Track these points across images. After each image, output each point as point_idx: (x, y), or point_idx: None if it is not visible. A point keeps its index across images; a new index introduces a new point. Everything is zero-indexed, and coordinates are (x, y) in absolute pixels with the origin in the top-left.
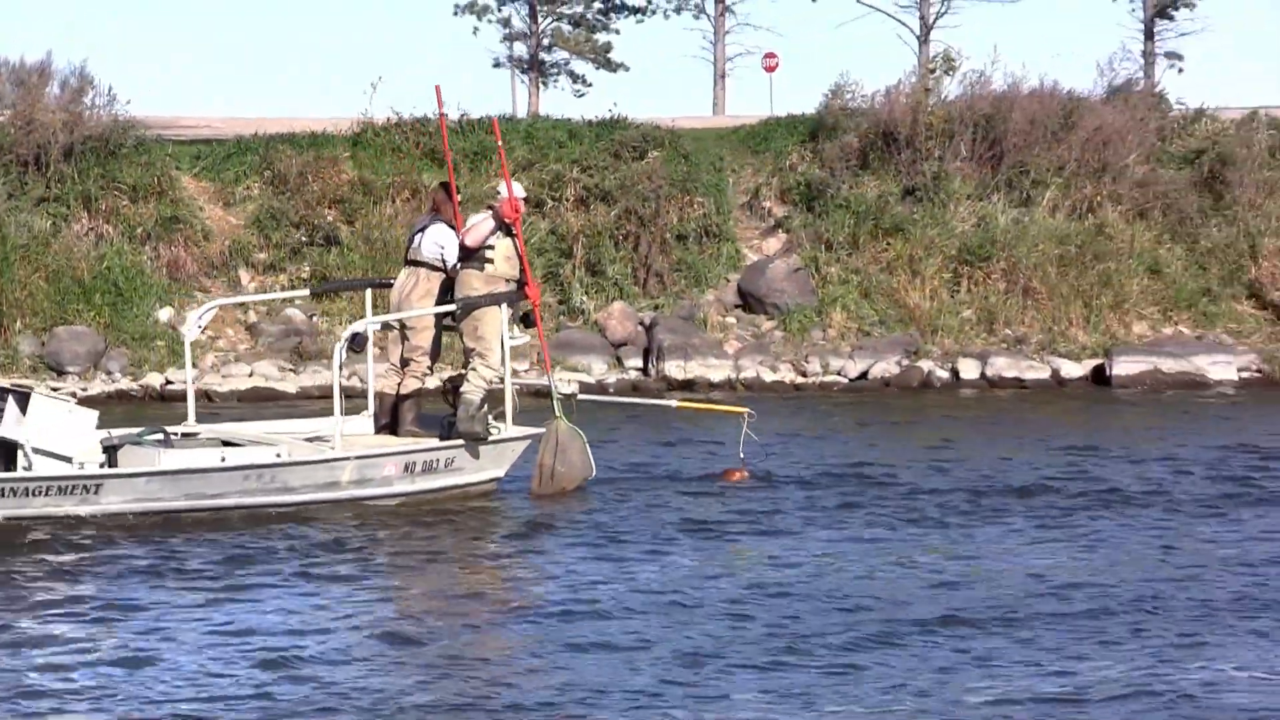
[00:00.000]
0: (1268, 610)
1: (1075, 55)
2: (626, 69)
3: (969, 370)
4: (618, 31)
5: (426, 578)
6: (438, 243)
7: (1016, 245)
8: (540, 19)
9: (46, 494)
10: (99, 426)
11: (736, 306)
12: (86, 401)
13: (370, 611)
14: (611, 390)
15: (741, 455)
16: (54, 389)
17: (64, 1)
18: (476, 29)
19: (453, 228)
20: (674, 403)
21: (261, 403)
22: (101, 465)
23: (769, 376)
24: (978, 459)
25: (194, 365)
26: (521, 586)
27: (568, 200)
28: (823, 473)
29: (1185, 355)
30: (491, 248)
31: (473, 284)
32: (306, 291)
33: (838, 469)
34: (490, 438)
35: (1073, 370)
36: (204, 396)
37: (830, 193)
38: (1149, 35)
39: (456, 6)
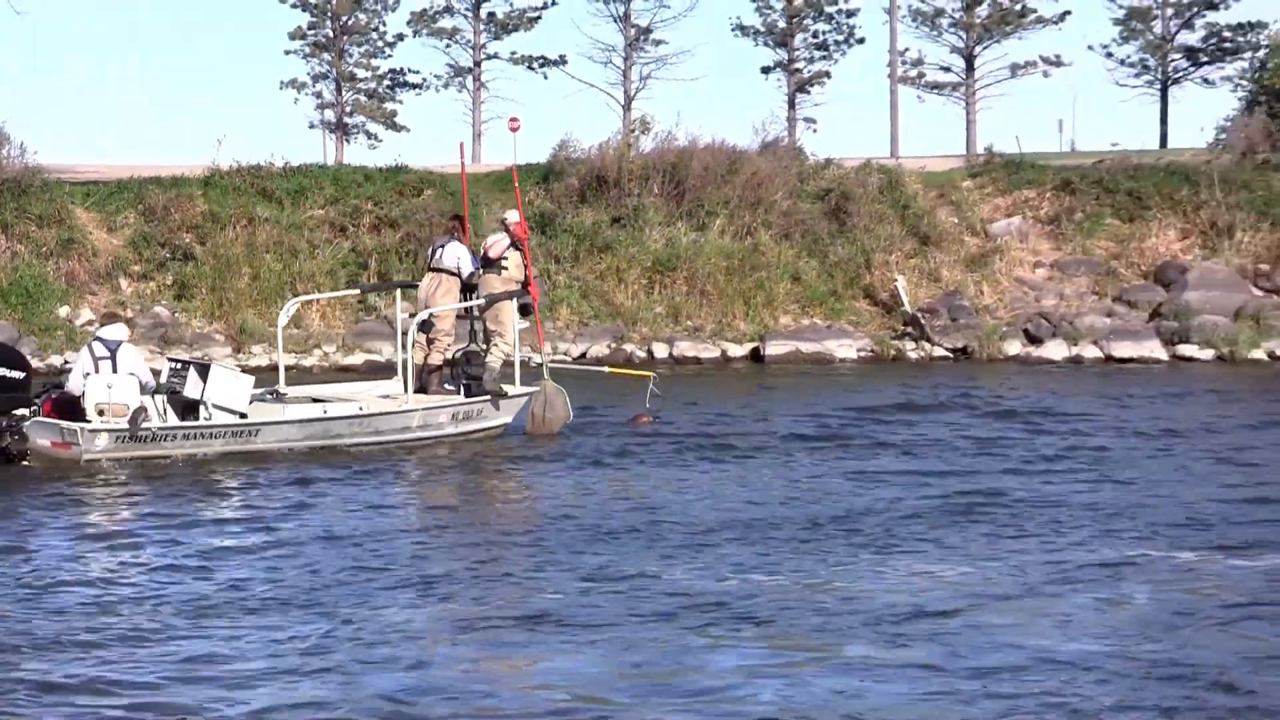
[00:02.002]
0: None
1: (737, 119)
2: (408, 129)
3: (661, 351)
4: (401, 102)
5: (459, 485)
6: (456, 256)
7: (695, 259)
8: (344, 92)
9: (224, 437)
10: None
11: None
12: None
13: (426, 501)
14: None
15: (647, 405)
16: None
17: None
18: (297, 99)
19: (463, 244)
20: (605, 369)
21: None
22: None
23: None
24: (668, 416)
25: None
26: (520, 491)
27: (364, 226)
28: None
29: (818, 340)
30: (506, 259)
31: (493, 285)
32: (358, 290)
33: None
34: (506, 394)
35: (736, 351)
36: None
37: (558, 220)
38: (792, 105)
39: (282, 82)
